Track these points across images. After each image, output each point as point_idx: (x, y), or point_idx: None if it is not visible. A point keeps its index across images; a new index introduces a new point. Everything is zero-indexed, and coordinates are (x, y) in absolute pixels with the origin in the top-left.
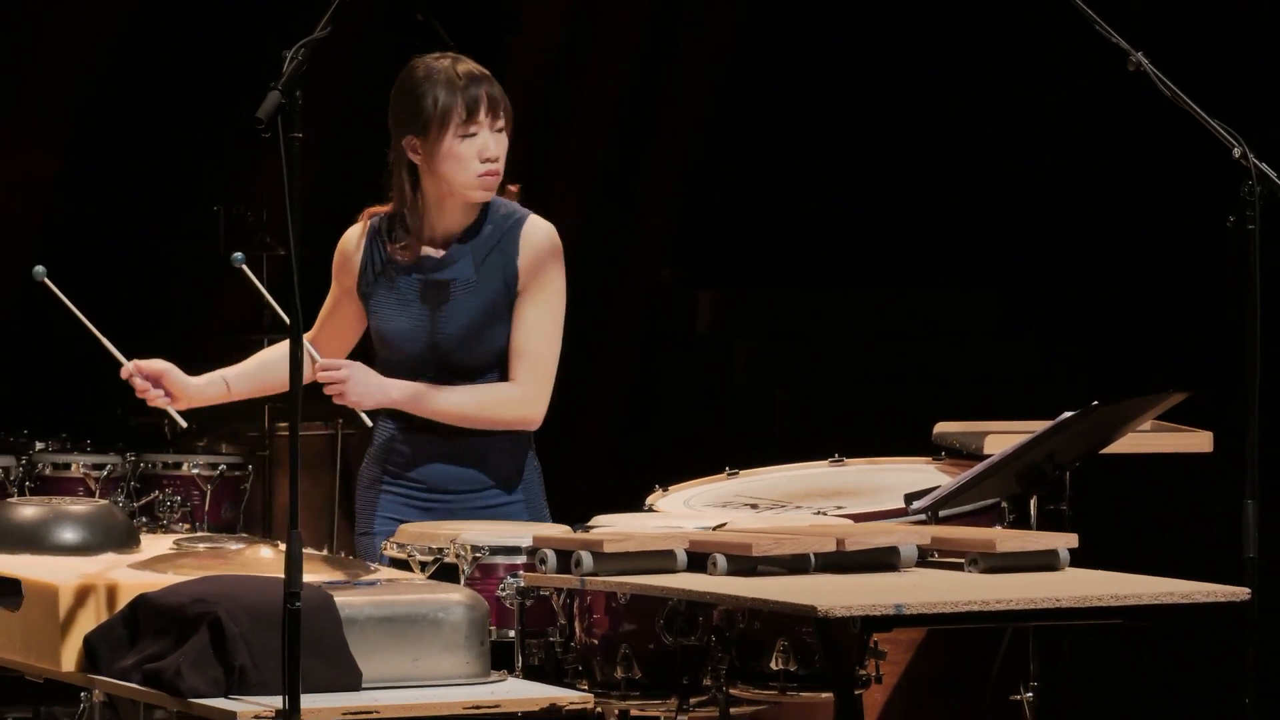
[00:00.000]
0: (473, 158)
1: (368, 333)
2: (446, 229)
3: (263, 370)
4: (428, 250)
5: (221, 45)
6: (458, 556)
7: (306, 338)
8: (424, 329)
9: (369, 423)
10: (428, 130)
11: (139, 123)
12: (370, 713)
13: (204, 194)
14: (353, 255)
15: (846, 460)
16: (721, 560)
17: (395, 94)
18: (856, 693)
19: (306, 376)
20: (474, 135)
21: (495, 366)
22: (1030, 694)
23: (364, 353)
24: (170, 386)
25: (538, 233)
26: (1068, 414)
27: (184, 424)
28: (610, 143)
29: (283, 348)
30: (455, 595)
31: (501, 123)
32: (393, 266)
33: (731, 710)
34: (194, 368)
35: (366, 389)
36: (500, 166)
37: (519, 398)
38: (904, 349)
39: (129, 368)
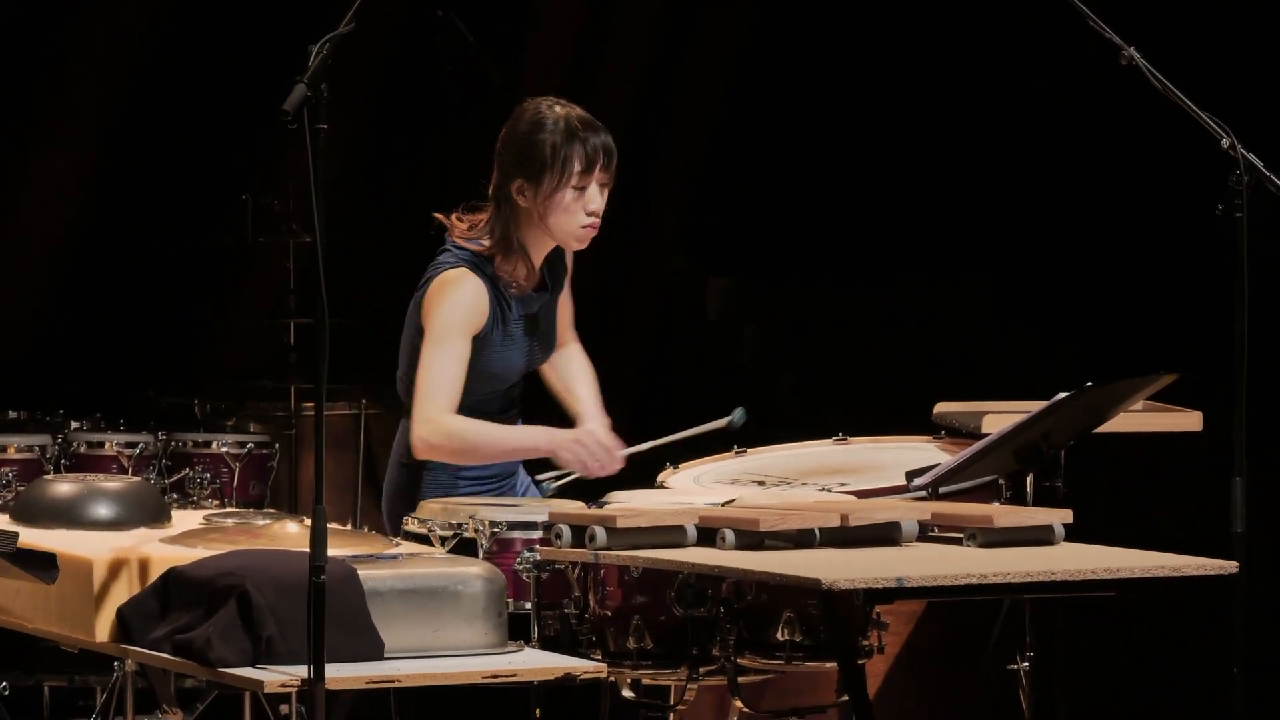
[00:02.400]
0: (579, 210)
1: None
2: (538, 263)
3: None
4: (526, 285)
5: (249, 42)
6: (476, 531)
7: (452, 409)
8: (528, 360)
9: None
10: (540, 178)
11: (170, 117)
12: (392, 681)
13: (232, 184)
14: (483, 306)
15: (850, 439)
16: (730, 535)
17: (507, 135)
18: (860, 662)
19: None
20: (584, 189)
21: None
22: (1026, 663)
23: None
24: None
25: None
26: (1062, 395)
27: None
28: (626, 136)
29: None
30: (474, 569)
31: (609, 176)
32: (506, 306)
33: (739, 679)
34: (221, 349)
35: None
36: (599, 220)
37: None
38: (905, 334)
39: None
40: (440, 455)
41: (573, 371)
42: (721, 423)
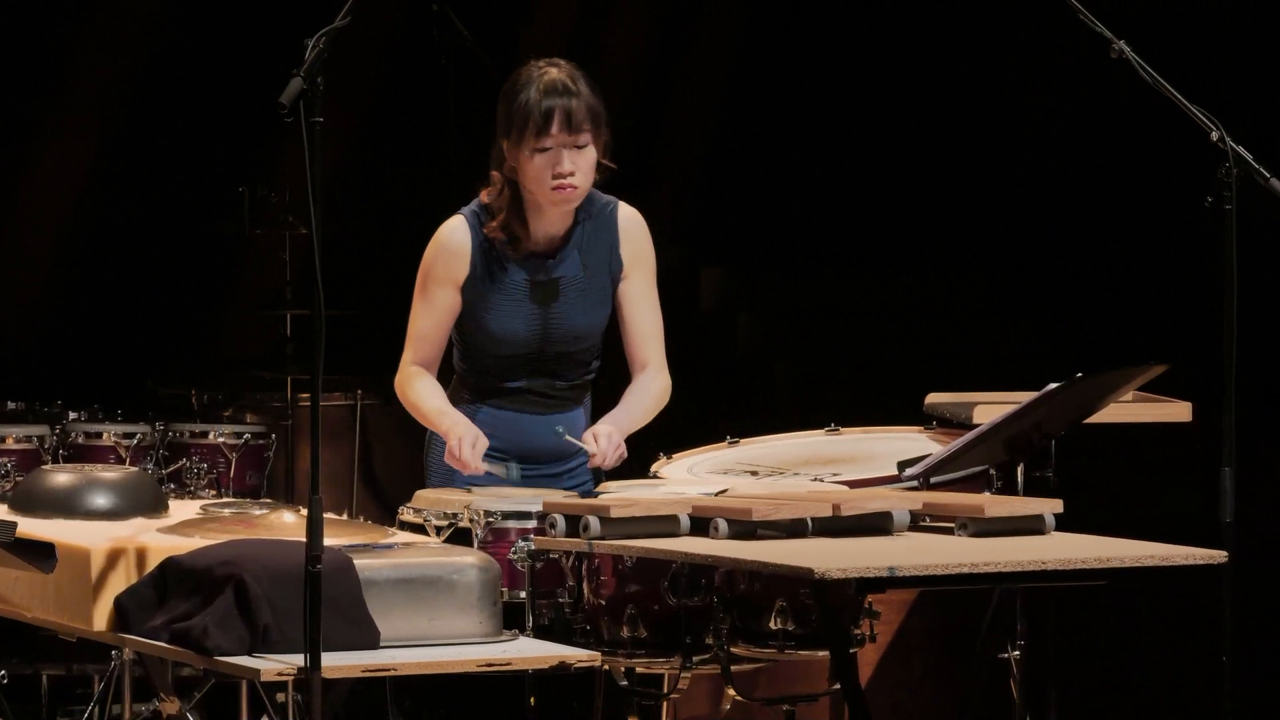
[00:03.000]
0: (544, 171)
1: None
2: (550, 228)
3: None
4: (534, 248)
5: (246, 36)
6: (471, 521)
7: (420, 361)
8: (536, 328)
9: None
10: (509, 138)
11: (168, 110)
12: (388, 670)
13: (229, 177)
14: (462, 253)
15: (842, 429)
16: (723, 525)
17: (500, 95)
18: (852, 651)
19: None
20: (547, 150)
21: (597, 352)
22: (1017, 652)
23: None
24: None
25: (634, 220)
26: (1053, 385)
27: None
28: (621, 129)
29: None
30: (469, 558)
31: (583, 138)
32: (500, 265)
33: (733, 668)
34: (218, 340)
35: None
36: (579, 180)
37: (667, 381)
38: (897, 325)
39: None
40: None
41: (631, 389)
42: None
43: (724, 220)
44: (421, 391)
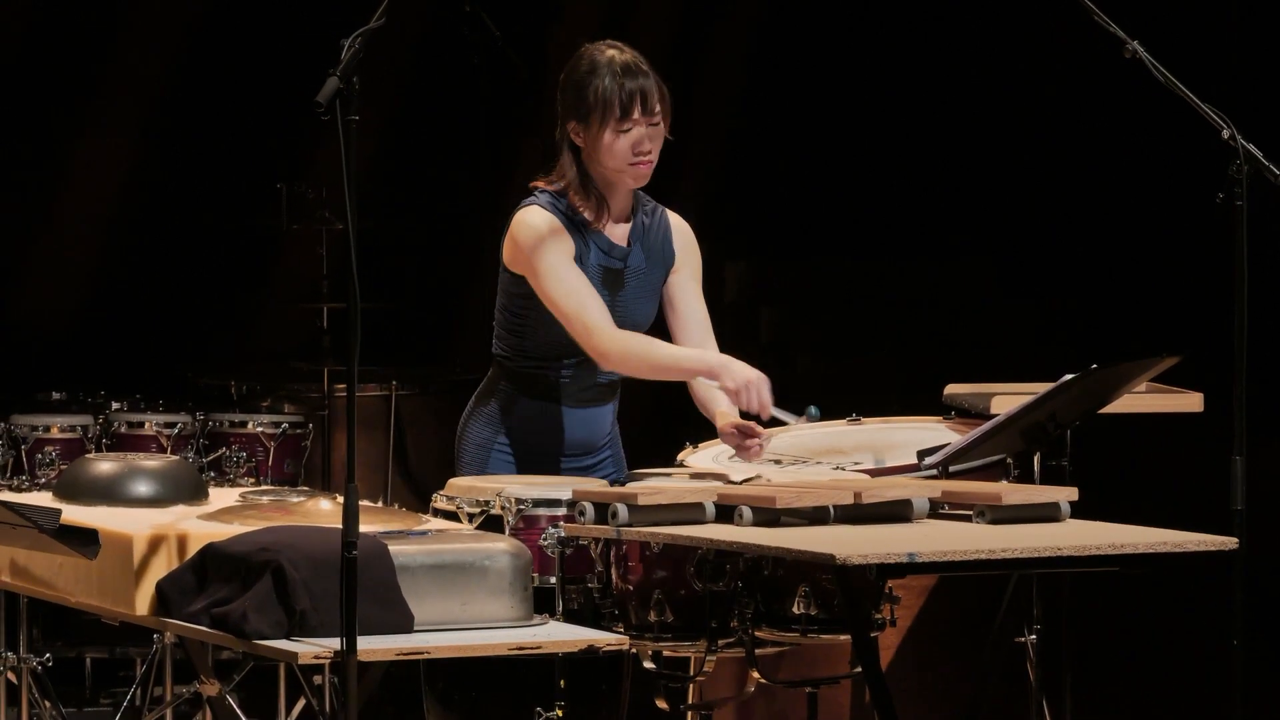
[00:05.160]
0: (627, 150)
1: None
2: (618, 210)
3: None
4: (607, 233)
5: (283, 36)
6: (503, 508)
7: (611, 321)
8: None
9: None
10: (589, 120)
11: (208, 109)
12: (422, 653)
13: (267, 173)
14: (561, 228)
15: (863, 419)
16: (748, 512)
17: (563, 79)
18: (872, 635)
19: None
20: (628, 130)
21: None
22: (1034, 635)
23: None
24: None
25: (683, 224)
26: (1068, 376)
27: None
28: None
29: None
30: (501, 544)
31: (657, 117)
32: (581, 247)
33: (757, 651)
34: (257, 333)
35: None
36: (654, 157)
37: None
38: (916, 318)
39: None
40: (620, 366)
41: (714, 394)
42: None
43: (747, 215)
44: (659, 344)
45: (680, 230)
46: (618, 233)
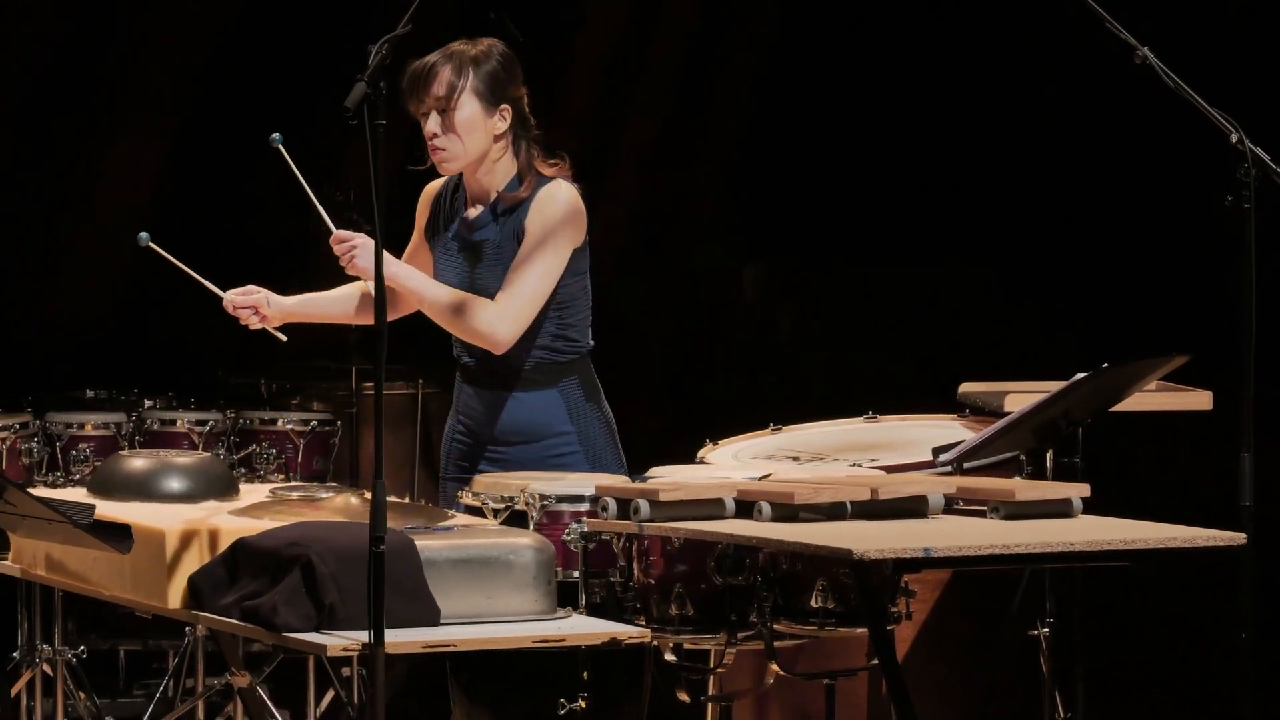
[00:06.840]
0: (428, 137)
1: None
2: (481, 190)
3: (345, 301)
4: (470, 211)
5: (311, 42)
6: (527, 504)
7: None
8: (464, 285)
9: (282, 338)
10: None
11: (239, 110)
12: (447, 646)
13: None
14: (428, 205)
15: (879, 417)
16: (766, 508)
17: (507, 66)
18: (889, 628)
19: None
20: (424, 114)
21: (535, 334)
22: (1046, 629)
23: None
24: (264, 310)
25: (546, 194)
26: (1080, 375)
27: (284, 338)
28: (666, 130)
29: (366, 287)
30: (525, 539)
31: (440, 104)
32: (445, 222)
33: (775, 644)
34: (286, 333)
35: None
36: (445, 143)
37: (493, 316)
38: (931, 317)
39: (227, 299)
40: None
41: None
42: None
43: (765, 217)
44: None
45: (540, 205)
46: (482, 207)
